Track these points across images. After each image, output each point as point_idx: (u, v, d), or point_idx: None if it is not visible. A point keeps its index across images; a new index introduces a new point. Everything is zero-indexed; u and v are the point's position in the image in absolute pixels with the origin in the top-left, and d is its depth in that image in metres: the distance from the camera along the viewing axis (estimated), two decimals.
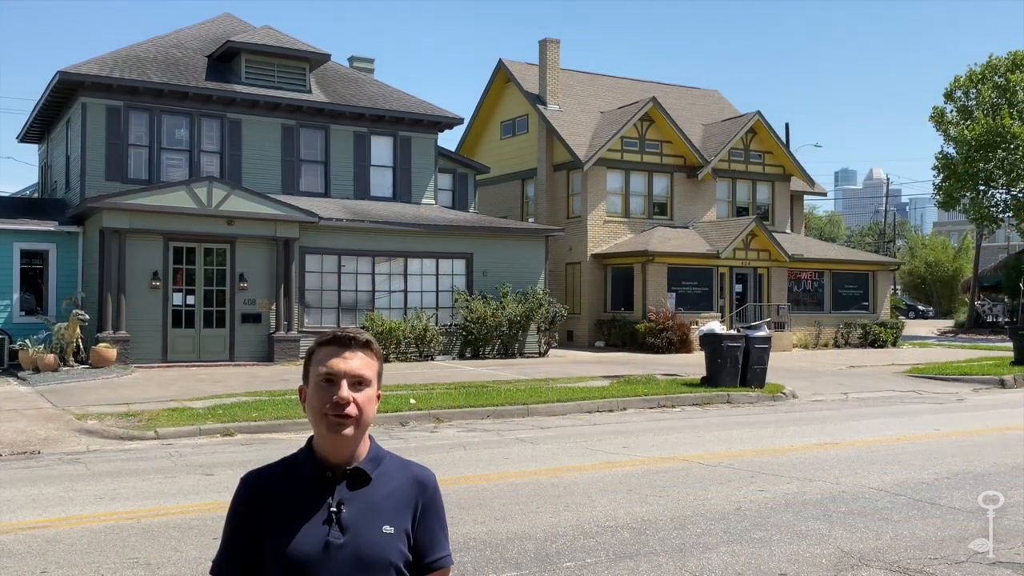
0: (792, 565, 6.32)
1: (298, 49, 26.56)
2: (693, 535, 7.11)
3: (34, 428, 13.04)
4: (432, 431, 13.55)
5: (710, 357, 18.49)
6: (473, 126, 38.27)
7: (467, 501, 8.18)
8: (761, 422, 14.47)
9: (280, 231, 23.01)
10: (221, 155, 25.47)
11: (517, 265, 26.72)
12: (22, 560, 6.48)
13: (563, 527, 7.33)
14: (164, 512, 8.00)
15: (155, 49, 26.09)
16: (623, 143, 33.14)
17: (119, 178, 23.87)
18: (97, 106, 23.91)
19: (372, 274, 24.93)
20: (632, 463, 10.54)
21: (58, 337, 20.51)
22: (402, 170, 27.92)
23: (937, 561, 6.41)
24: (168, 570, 6.25)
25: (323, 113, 26.65)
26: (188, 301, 22.52)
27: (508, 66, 36.49)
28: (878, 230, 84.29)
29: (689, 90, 41.62)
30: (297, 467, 2.30)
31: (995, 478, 9.34)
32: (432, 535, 2.33)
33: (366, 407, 2.26)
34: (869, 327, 34.05)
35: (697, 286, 31.74)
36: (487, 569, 6.20)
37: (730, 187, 35.76)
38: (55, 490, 9.00)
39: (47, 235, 23.06)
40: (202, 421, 13.36)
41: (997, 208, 44.35)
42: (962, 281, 61.29)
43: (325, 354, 2.28)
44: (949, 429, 13.48)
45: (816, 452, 11.32)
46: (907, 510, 7.97)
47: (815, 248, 37.09)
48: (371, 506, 2.26)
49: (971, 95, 43.91)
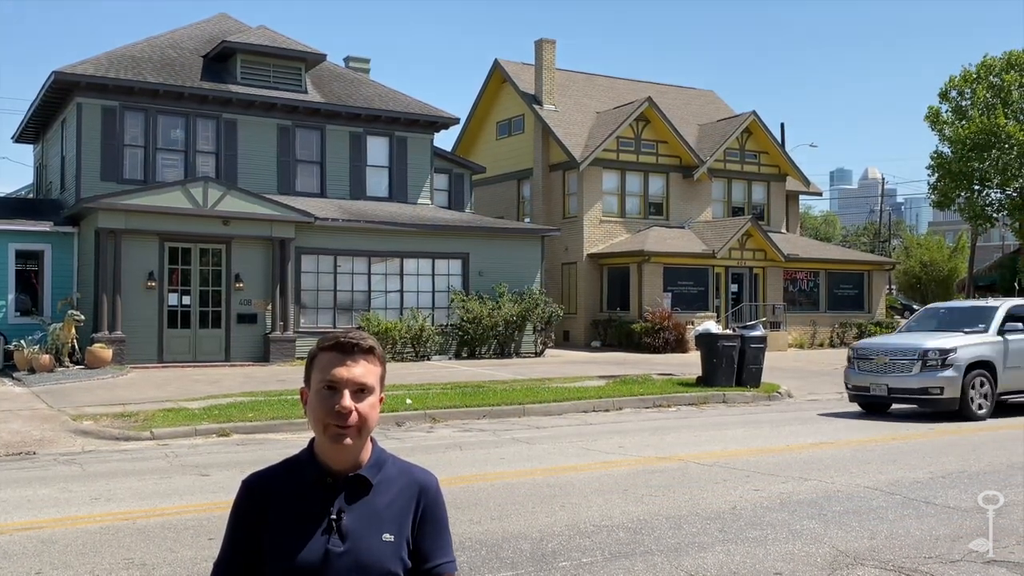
0: (787, 564, 6.33)
1: (294, 49, 26.54)
2: (689, 534, 7.12)
3: (29, 429, 13.02)
4: (428, 431, 13.55)
5: (706, 357, 18.52)
6: (469, 126, 38.27)
7: (463, 501, 8.18)
8: (757, 422, 14.50)
9: (276, 231, 22.99)
10: (217, 155, 25.44)
11: (513, 265, 26.73)
12: (17, 561, 6.47)
13: (559, 527, 7.34)
14: (160, 513, 7.99)
15: (151, 49, 26.06)
16: (619, 143, 33.17)
17: (115, 178, 23.84)
18: (92, 106, 23.87)
19: (368, 274, 24.92)
20: (628, 463, 10.55)
21: (53, 338, 20.48)
22: (398, 170, 27.91)
23: (932, 560, 6.42)
24: (163, 571, 6.24)
25: (319, 113, 26.63)
26: (184, 301, 22.50)
27: (504, 66, 36.50)
28: (873, 230, 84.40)
29: (685, 90, 41.65)
30: (298, 470, 2.29)
31: (991, 477, 9.37)
32: (433, 540, 2.32)
33: (368, 415, 2.24)
34: (865, 327, 34.09)
35: (693, 286, 31.78)
36: (483, 569, 6.20)
37: (726, 187, 35.81)
38: (50, 491, 8.99)
39: (42, 235, 23.02)
40: (198, 422, 13.35)
41: (992, 208, 44.39)
42: (957, 281, 61.34)
43: (327, 360, 2.25)
44: (945, 428, 13.53)
45: (811, 451, 11.34)
46: (902, 509, 7.99)
47: (810, 248, 37.16)
48: (372, 513, 2.24)
49: (966, 95, 43.96)
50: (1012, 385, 15.38)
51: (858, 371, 15.70)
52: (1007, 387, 15.28)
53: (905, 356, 15.02)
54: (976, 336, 15.26)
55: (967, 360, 14.70)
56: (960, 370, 14.58)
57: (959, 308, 17.18)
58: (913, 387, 14.82)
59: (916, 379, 14.77)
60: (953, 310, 17.05)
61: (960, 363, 14.62)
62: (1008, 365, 15.20)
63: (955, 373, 14.55)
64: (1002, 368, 15.09)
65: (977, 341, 15.11)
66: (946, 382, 14.55)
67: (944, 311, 17.20)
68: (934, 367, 14.65)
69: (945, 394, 14.55)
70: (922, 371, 14.73)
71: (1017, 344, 15.41)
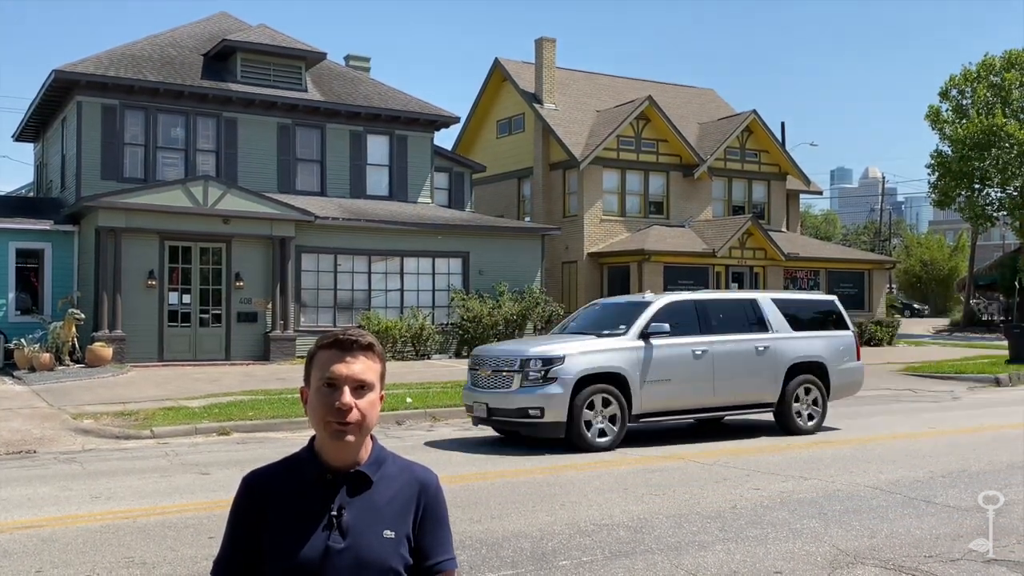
0: (787, 563, 6.33)
1: (294, 48, 26.54)
2: (689, 533, 7.12)
3: (30, 427, 13.02)
4: (428, 430, 13.56)
5: None
6: (469, 125, 38.25)
7: (463, 500, 8.18)
8: (759, 420, 14.48)
9: (276, 230, 22.99)
10: (217, 154, 25.44)
11: (513, 264, 26.72)
12: (18, 559, 6.47)
13: (559, 525, 7.34)
14: (160, 511, 7.99)
15: (151, 48, 26.05)
16: (619, 142, 33.15)
17: (115, 177, 23.83)
18: (93, 105, 23.86)
19: (368, 273, 24.92)
20: (628, 461, 10.55)
21: (54, 336, 20.48)
22: (398, 169, 27.90)
23: (932, 559, 6.42)
24: (164, 569, 6.24)
25: (319, 112, 26.62)
26: (184, 300, 22.50)
27: (504, 65, 36.48)
28: (874, 229, 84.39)
29: (685, 89, 41.63)
30: (299, 468, 2.29)
31: (991, 476, 9.36)
32: (434, 538, 2.32)
33: (368, 412, 2.24)
34: (865, 326, 34.05)
35: (693, 285, 31.70)
36: (483, 567, 6.21)
37: (726, 186, 35.80)
38: (50, 489, 8.99)
39: (43, 234, 23.02)
40: (198, 420, 13.35)
41: (992, 207, 44.42)
42: (958, 280, 61.35)
43: (327, 358, 2.25)
44: (944, 427, 13.50)
45: (812, 450, 11.34)
46: (902, 508, 7.99)
47: (811, 247, 37.15)
48: (372, 510, 2.24)
49: (966, 94, 43.97)
50: (657, 404, 11.88)
51: (470, 386, 12.30)
52: (650, 407, 11.81)
53: (506, 366, 11.57)
54: (609, 341, 11.90)
55: (579, 372, 11.27)
56: (567, 385, 11.12)
57: (616, 304, 13.66)
58: (511, 407, 11.33)
59: (515, 396, 11.30)
60: (610, 306, 13.65)
61: (568, 376, 11.18)
62: (650, 379, 11.73)
63: (560, 389, 11.10)
64: (640, 383, 11.64)
65: (605, 347, 11.73)
66: (547, 400, 11.10)
67: (601, 308, 13.81)
68: (535, 381, 11.21)
69: (546, 416, 11.10)
70: (522, 386, 11.29)
71: (666, 351, 11.92)
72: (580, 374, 11.29)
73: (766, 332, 12.92)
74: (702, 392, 12.30)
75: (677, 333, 12.06)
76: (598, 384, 11.39)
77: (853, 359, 13.93)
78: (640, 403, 11.68)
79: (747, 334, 12.76)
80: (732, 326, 12.80)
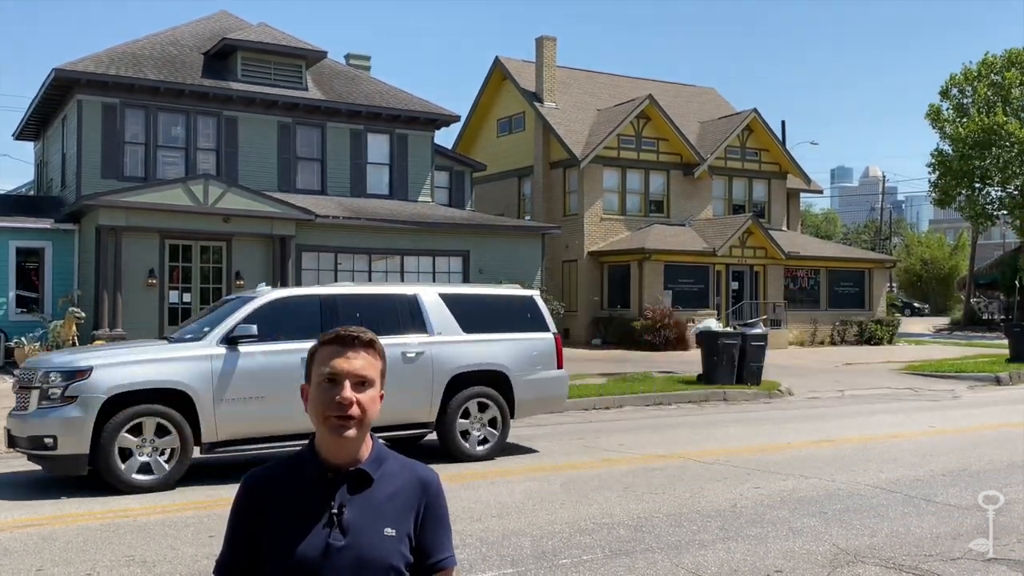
0: (788, 562, 6.33)
1: (294, 46, 26.53)
2: (689, 532, 7.12)
3: None
4: None
5: (706, 355, 18.52)
6: (470, 123, 38.26)
7: (464, 498, 8.18)
8: (757, 419, 14.49)
9: (276, 229, 22.99)
10: (217, 153, 25.44)
11: (514, 263, 26.71)
12: (18, 558, 6.48)
13: (560, 524, 7.34)
14: (161, 510, 8.00)
15: (151, 46, 26.05)
16: (620, 141, 33.16)
17: (115, 176, 23.84)
18: (93, 103, 23.86)
19: (369, 272, 24.91)
20: (629, 460, 10.55)
21: (54, 335, 20.48)
22: (399, 168, 27.90)
23: (932, 558, 6.42)
24: (164, 568, 6.25)
25: (319, 111, 26.62)
26: (184, 299, 22.51)
27: (505, 63, 36.48)
28: (874, 228, 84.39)
29: (685, 87, 41.64)
30: (299, 467, 2.28)
31: (991, 475, 9.36)
32: (435, 537, 2.32)
33: (369, 407, 2.24)
34: (865, 324, 34.10)
35: (694, 284, 31.77)
36: (484, 566, 6.21)
37: (726, 185, 35.81)
38: (48, 488, 8.99)
39: (43, 233, 23.02)
40: None
41: (992, 206, 44.45)
42: (958, 278, 61.39)
43: (327, 353, 2.25)
44: (945, 426, 13.50)
45: (812, 449, 11.33)
46: (903, 507, 7.99)
47: (811, 246, 37.16)
48: (373, 508, 2.24)
49: (967, 93, 43.99)
50: (242, 429, 9.23)
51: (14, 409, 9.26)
52: (232, 432, 9.18)
53: (30, 381, 8.87)
54: (179, 348, 9.39)
55: (111, 389, 8.64)
56: (91, 407, 8.54)
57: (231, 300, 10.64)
58: (24, 435, 8.73)
59: (30, 421, 8.69)
60: (228, 302, 10.58)
61: (93, 394, 8.57)
62: (231, 396, 9.12)
63: (79, 412, 8.52)
64: (214, 401, 9.03)
65: (167, 356, 9.20)
66: (63, 427, 8.51)
67: (223, 304, 10.80)
68: (54, 401, 8.61)
69: (61, 448, 8.52)
70: (39, 407, 8.67)
71: (260, 361, 9.34)
72: (113, 392, 8.64)
73: (424, 334, 10.38)
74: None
75: (288, 338, 9.45)
76: (146, 404, 8.77)
77: (552, 367, 11.40)
78: (215, 428, 9.06)
79: (396, 336, 10.00)
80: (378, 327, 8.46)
